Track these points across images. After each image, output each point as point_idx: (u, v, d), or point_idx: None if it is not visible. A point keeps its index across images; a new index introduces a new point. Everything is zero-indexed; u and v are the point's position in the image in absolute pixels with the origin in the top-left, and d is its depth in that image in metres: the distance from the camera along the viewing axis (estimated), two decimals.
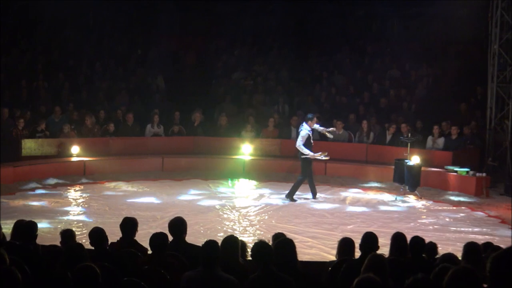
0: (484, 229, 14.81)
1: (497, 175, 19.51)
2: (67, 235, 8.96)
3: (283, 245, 7.49)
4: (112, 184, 18.83)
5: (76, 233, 9.67)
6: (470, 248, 7.82)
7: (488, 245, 8.86)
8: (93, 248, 8.26)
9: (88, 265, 6.19)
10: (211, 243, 7.16)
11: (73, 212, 15.60)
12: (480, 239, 12.38)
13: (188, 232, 8.92)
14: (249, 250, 9.28)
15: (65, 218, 14.88)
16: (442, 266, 5.78)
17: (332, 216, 15.78)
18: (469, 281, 4.65)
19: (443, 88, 23.87)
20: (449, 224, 15.33)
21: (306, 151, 17.17)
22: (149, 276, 6.85)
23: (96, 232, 8.35)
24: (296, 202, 17.16)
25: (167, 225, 8.92)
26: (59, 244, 8.60)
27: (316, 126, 17.83)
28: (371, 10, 28.50)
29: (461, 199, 17.93)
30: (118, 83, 24.43)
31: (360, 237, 8.24)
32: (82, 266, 6.16)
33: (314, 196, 17.47)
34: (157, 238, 7.99)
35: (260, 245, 7.10)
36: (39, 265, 7.16)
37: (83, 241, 11.92)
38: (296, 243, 7.64)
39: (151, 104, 23.51)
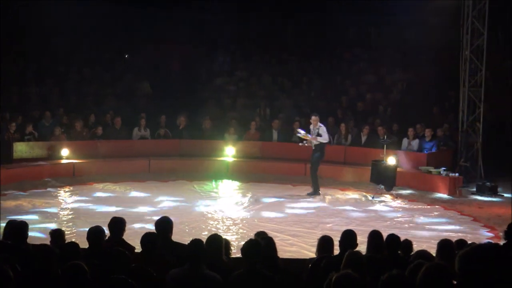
0: (457, 227, 15.15)
1: (469, 175, 20.03)
2: (57, 234, 9.15)
3: (264, 243, 7.59)
4: (101, 185, 19.05)
5: (66, 232, 9.91)
6: (444, 245, 7.94)
7: (461, 242, 9.03)
8: (89, 245, 8.32)
9: (77, 263, 6.21)
10: (197, 242, 7.30)
11: (62, 212, 15.81)
12: (454, 236, 12.44)
13: (173, 231, 9.00)
14: (232, 248, 9.75)
15: (55, 218, 15.11)
16: (417, 263, 5.90)
17: (312, 215, 16.13)
18: (442, 277, 4.72)
19: (417, 92, 24.21)
20: (423, 222, 15.68)
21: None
22: (137, 274, 6.71)
23: (94, 231, 8.44)
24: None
25: (153, 224, 9.03)
26: (49, 244, 8.64)
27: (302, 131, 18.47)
28: (348, 18, 28.98)
29: (435, 198, 18.29)
30: (106, 88, 24.73)
31: (339, 235, 8.39)
32: (70, 264, 6.18)
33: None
34: (148, 238, 8.12)
35: (251, 243, 7.25)
36: (30, 264, 7.11)
37: (73, 240, 12.46)
38: (277, 241, 7.93)
39: (138, 108, 23.77)
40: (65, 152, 20.44)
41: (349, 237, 8.32)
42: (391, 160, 18.49)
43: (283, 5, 28.28)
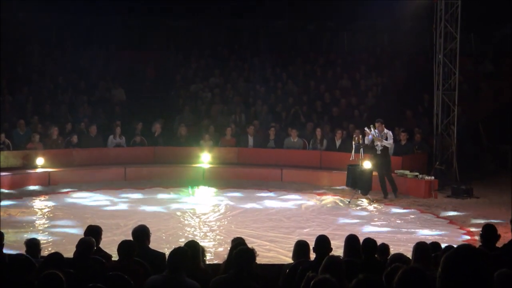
0: (433, 230, 15.24)
1: (445, 178, 20.08)
2: (32, 244, 9.11)
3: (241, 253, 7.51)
4: (76, 193, 18.95)
5: (42, 242, 9.81)
6: (419, 247, 7.90)
7: (436, 244, 9.16)
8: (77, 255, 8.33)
9: (53, 272, 6.19)
10: (180, 250, 7.32)
11: (38, 221, 15.72)
12: (430, 239, 12.41)
13: (151, 238, 9.06)
14: (208, 255, 9.79)
15: (31, 227, 14.99)
16: (394, 266, 5.88)
17: (288, 221, 16.09)
18: (418, 280, 4.65)
19: (392, 96, 24.38)
20: (400, 225, 15.73)
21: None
22: (114, 282, 6.82)
23: (84, 242, 8.42)
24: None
25: (130, 232, 9.04)
26: (25, 253, 8.45)
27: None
28: (322, 24, 29.12)
29: (411, 201, 18.35)
30: (81, 96, 24.62)
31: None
32: (47, 273, 6.15)
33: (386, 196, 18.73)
34: (125, 246, 8.15)
35: (244, 250, 7.39)
36: (6, 274, 7.10)
37: (49, 249, 12.42)
38: (254, 247, 7.89)
39: (113, 116, 23.76)
40: (40, 161, 20.31)
41: (322, 242, 8.35)
42: (366, 164, 18.53)
43: (256, 12, 28.37)
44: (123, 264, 7.90)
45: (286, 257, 12.10)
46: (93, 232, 9.09)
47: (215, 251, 13.10)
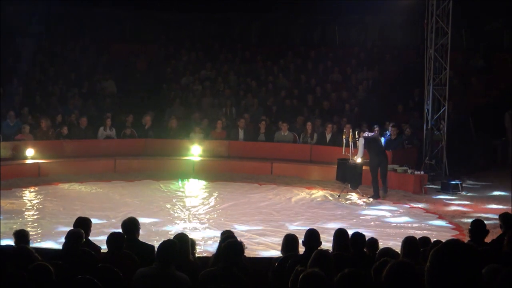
0: (423, 224, 15.28)
1: (434, 173, 20.21)
2: (21, 235, 9.00)
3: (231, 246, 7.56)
4: (66, 185, 18.89)
5: (31, 233, 9.82)
6: (408, 242, 7.93)
7: (425, 239, 9.25)
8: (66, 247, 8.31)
9: (42, 263, 6.22)
10: (169, 242, 7.39)
11: (28, 213, 15.69)
12: (419, 233, 12.75)
13: (140, 231, 9.08)
14: (197, 248, 9.80)
15: (20, 218, 14.96)
16: (383, 260, 5.89)
17: (278, 214, 16.12)
18: (406, 274, 4.68)
19: (383, 90, 24.49)
20: (389, 220, 15.77)
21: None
22: (103, 274, 6.65)
23: (73, 234, 8.39)
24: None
25: (119, 224, 9.08)
26: (13, 244, 8.54)
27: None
28: (313, 18, 29.13)
29: (401, 196, 18.35)
30: (71, 88, 24.58)
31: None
32: (36, 264, 6.18)
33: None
34: (114, 238, 8.19)
35: (232, 243, 7.43)
36: None
37: (38, 241, 12.43)
38: (243, 240, 7.94)
39: (103, 108, 23.71)
40: (30, 152, 20.20)
41: (312, 236, 8.35)
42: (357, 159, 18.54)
43: (247, 5, 28.34)
44: (112, 256, 7.92)
45: (275, 251, 12.06)
46: (82, 224, 9.08)
47: (205, 244, 13.11)
